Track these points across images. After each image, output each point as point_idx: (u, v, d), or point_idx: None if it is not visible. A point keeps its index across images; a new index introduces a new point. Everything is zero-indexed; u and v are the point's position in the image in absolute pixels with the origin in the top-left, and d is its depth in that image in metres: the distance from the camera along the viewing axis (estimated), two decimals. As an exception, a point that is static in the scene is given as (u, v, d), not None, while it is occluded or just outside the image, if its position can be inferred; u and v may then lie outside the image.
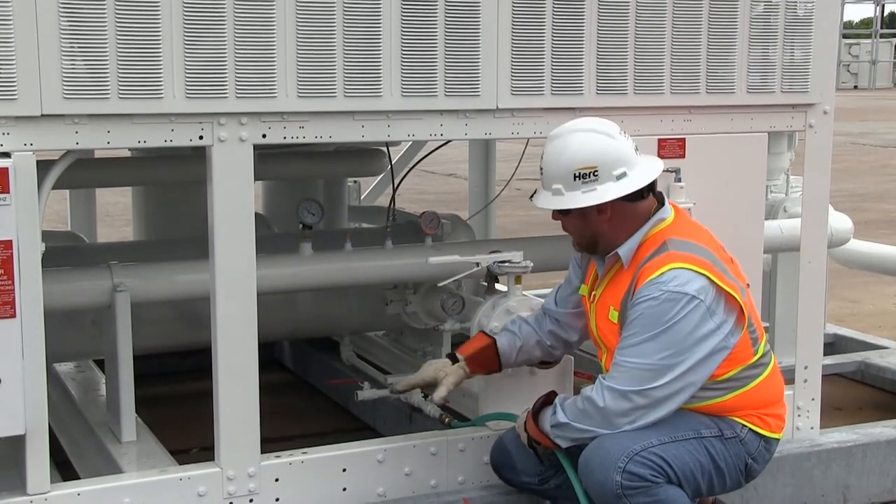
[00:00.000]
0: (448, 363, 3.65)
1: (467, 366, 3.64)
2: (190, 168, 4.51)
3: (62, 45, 3.08)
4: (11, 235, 3.06)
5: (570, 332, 3.66)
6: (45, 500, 3.26)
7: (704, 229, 3.44)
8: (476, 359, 3.65)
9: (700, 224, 3.47)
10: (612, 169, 3.26)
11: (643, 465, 3.16)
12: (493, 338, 3.66)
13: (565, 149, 3.29)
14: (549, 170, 3.32)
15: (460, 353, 3.66)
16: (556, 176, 3.29)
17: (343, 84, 3.42)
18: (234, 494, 3.46)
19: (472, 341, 3.71)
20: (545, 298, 3.76)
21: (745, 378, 3.31)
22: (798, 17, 4.02)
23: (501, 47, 3.61)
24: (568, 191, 3.28)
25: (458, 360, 3.64)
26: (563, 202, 3.30)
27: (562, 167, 3.28)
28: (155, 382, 5.17)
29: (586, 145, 3.27)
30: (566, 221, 3.39)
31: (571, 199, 3.28)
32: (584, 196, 3.27)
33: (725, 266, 3.30)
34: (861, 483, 4.21)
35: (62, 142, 3.17)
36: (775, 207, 5.23)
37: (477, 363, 3.65)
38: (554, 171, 3.30)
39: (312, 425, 4.98)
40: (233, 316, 3.39)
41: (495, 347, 3.64)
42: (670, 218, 3.36)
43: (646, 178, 3.30)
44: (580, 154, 3.27)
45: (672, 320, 3.15)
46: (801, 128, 4.14)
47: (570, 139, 3.30)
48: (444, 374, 3.61)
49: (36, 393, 3.17)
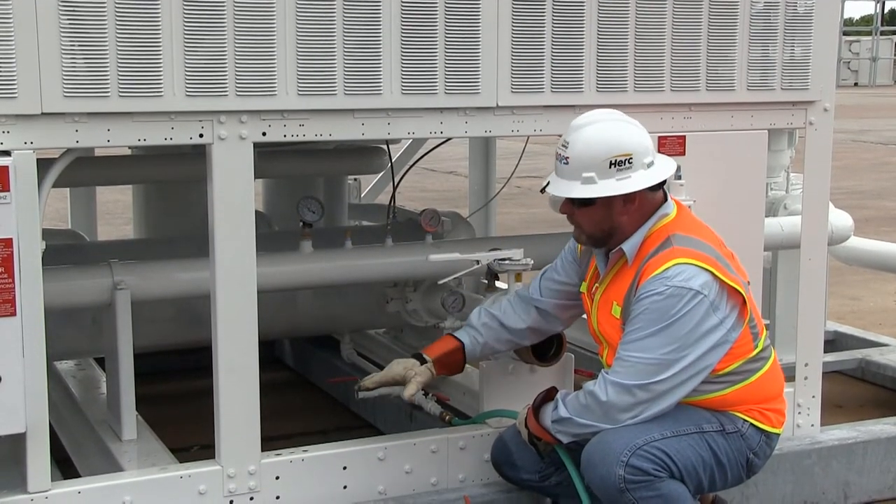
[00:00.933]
0: (416, 363, 3.64)
1: (434, 367, 3.64)
2: (190, 166, 4.51)
3: (62, 44, 3.08)
4: (12, 234, 3.06)
5: (555, 323, 3.67)
6: (45, 499, 3.26)
7: (705, 225, 3.44)
8: (443, 361, 3.65)
9: (700, 220, 3.47)
10: (643, 157, 3.28)
11: (646, 459, 3.16)
12: (461, 341, 3.65)
13: (601, 136, 3.27)
14: (580, 158, 3.26)
15: (428, 354, 3.66)
16: (590, 164, 3.25)
17: (343, 82, 3.42)
18: (234, 492, 3.46)
19: (441, 343, 3.69)
20: (528, 287, 3.70)
21: (745, 372, 3.31)
22: (798, 14, 4.02)
23: (501, 45, 3.61)
24: (601, 178, 3.25)
25: (427, 360, 3.64)
26: (596, 190, 3.26)
27: (597, 155, 3.25)
28: (155, 380, 5.18)
29: (622, 133, 3.28)
30: (583, 213, 3.33)
31: (605, 187, 3.25)
32: (619, 183, 3.25)
33: (728, 262, 3.31)
34: (861, 480, 4.21)
35: (62, 140, 3.17)
36: (776, 205, 5.22)
37: (443, 365, 3.66)
38: (587, 158, 3.26)
39: (313, 423, 4.98)
40: (233, 314, 3.39)
41: (463, 350, 3.65)
42: (673, 213, 3.37)
43: (671, 167, 3.35)
44: (617, 141, 3.26)
45: (676, 315, 3.15)
46: (801, 125, 4.14)
47: (605, 127, 3.29)
48: (413, 373, 3.61)
49: (36, 391, 3.17)
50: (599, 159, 3.25)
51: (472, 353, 3.66)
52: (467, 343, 3.65)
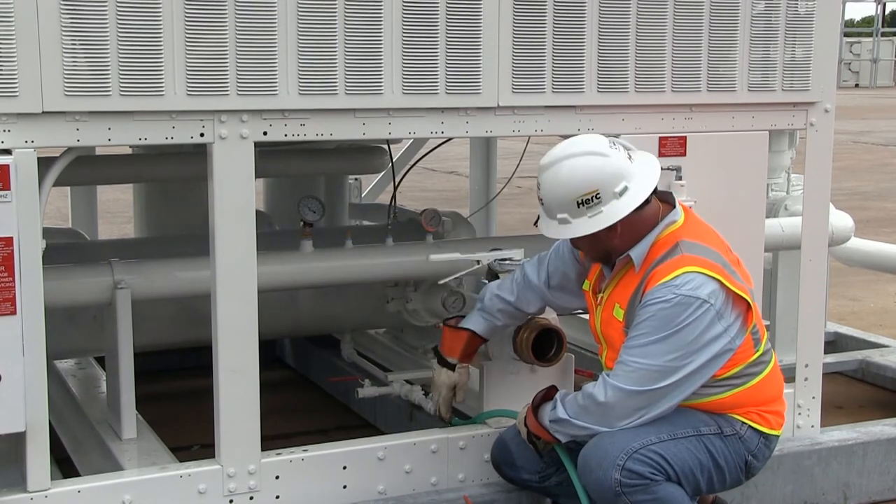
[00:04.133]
0: (450, 372, 3.73)
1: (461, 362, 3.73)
2: (191, 165, 4.51)
3: (63, 43, 3.08)
4: (12, 232, 3.06)
5: (555, 305, 3.71)
6: (45, 498, 3.26)
7: (712, 230, 3.43)
8: (466, 355, 3.73)
9: (708, 224, 3.46)
10: (612, 187, 3.21)
11: (642, 462, 3.16)
12: (469, 330, 3.68)
13: (560, 178, 3.23)
14: (549, 201, 3.27)
15: (452, 357, 3.72)
16: (559, 206, 3.25)
17: (344, 81, 3.42)
18: (234, 492, 3.46)
19: (454, 340, 3.72)
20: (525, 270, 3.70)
21: (746, 375, 3.31)
22: (799, 15, 4.02)
23: (502, 45, 3.61)
24: (574, 218, 3.24)
25: (453, 364, 3.72)
26: (572, 230, 3.26)
27: (562, 197, 3.24)
28: (155, 379, 5.18)
29: (581, 170, 3.21)
30: (576, 242, 3.37)
31: (580, 226, 3.24)
32: (592, 220, 3.22)
33: (734, 269, 3.30)
34: (861, 481, 4.21)
35: (63, 139, 3.17)
36: (776, 206, 5.22)
37: (465, 356, 3.74)
38: (555, 202, 3.25)
39: (313, 423, 4.98)
40: (233, 313, 3.39)
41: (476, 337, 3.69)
42: (681, 220, 3.35)
43: (647, 188, 3.25)
44: (576, 181, 3.21)
45: (682, 323, 3.15)
46: (802, 126, 4.14)
47: (562, 167, 3.24)
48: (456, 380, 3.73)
49: (36, 390, 3.17)
50: (566, 201, 3.23)
51: (490, 336, 3.73)
52: (484, 330, 3.69)
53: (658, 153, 3.81)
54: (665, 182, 3.82)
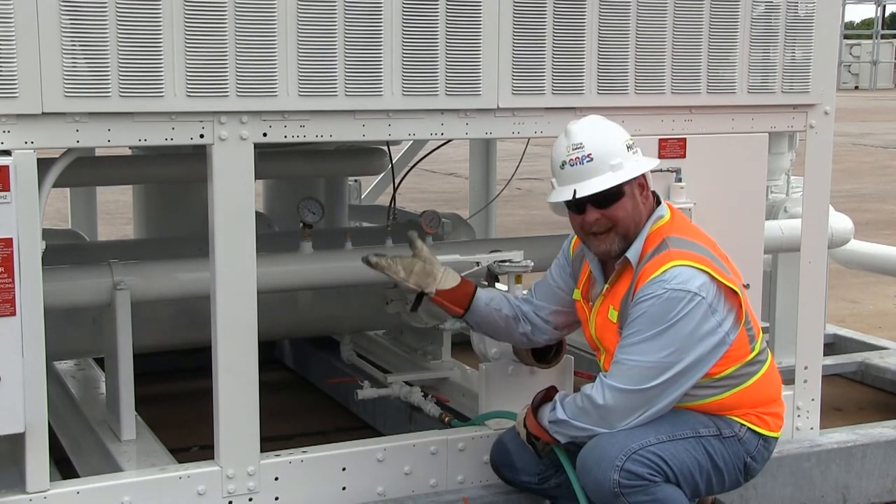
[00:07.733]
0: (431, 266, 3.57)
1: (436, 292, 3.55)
2: (190, 166, 4.51)
3: (63, 44, 3.08)
4: (12, 233, 3.06)
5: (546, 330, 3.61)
6: (44, 499, 3.26)
7: (697, 227, 3.44)
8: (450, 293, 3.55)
9: (693, 222, 3.47)
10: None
11: (641, 463, 3.16)
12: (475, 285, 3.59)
13: (604, 127, 3.33)
14: (602, 150, 3.26)
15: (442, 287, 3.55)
16: (611, 153, 3.27)
17: (344, 83, 3.42)
18: (233, 493, 3.46)
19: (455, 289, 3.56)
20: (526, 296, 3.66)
21: (742, 375, 3.31)
22: (799, 17, 4.02)
23: (502, 47, 3.61)
24: (627, 162, 3.28)
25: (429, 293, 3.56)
26: (629, 171, 3.27)
27: (616, 141, 3.30)
28: (155, 381, 5.17)
29: (613, 123, 3.36)
30: (616, 210, 3.27)
31: (635, 166, 3.29)
32: (642, 162, 3.32)
33: (723, 263, 3.30)
34: (861, 483, 4.21)
35: (63, 140, 3.17)
36: (776, 208, 5.23)
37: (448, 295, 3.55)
38: (605, 149, 3.26)
39: (312, 424, 4.98)
40: (233, 314, 3.39)
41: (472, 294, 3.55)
42: (667, 216, 3.36)
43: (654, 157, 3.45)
44: (618, 129, 3.34)
45: (675, 318, 3.15)
46: (801, 128, 4.14)
47: (597, 122, 3.34)
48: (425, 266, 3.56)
49: (36, 391, 3.17)
50: (619, 145, 3.29)
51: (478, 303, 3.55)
52: (483, 295, 3.55)
53: (658, 155, 3.81)
54: (665, 184, 3.83)
